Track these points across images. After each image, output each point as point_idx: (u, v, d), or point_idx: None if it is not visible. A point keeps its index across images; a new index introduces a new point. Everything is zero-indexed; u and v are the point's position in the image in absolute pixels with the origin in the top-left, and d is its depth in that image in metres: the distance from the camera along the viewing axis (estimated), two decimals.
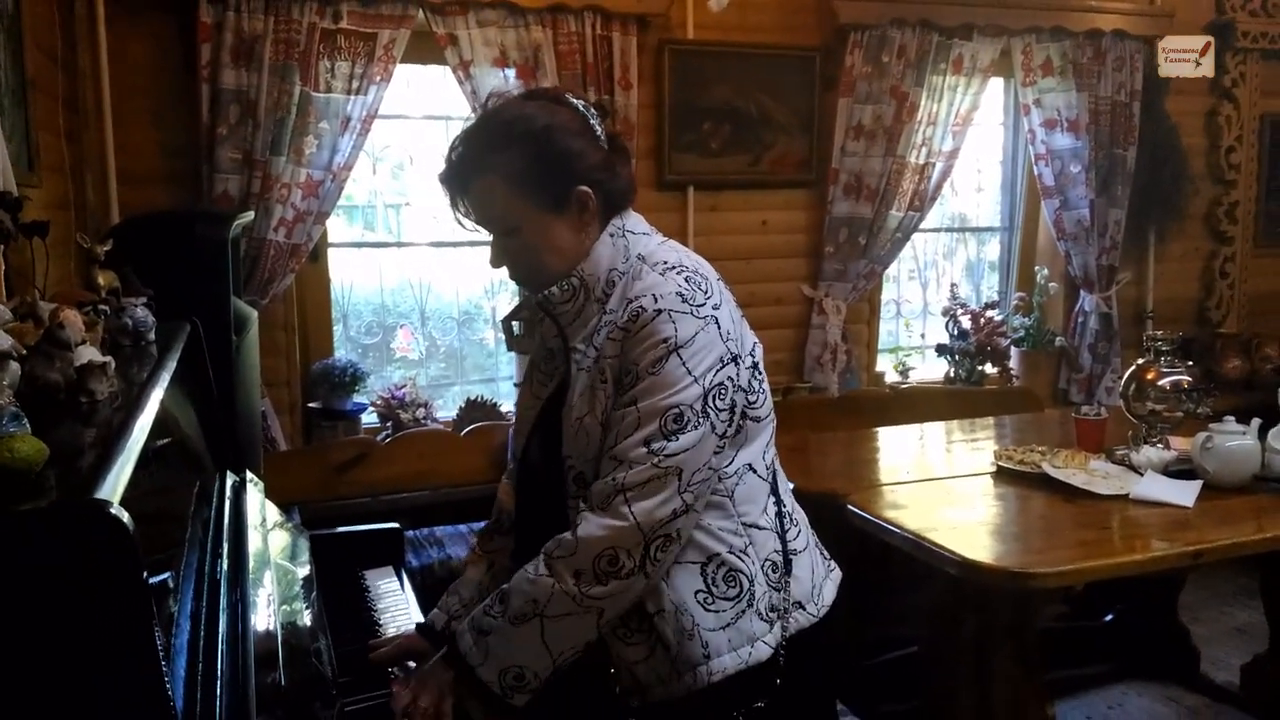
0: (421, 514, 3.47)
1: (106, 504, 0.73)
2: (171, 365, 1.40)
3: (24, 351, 0.97)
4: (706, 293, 1.49)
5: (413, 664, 1.65)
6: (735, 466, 1.52)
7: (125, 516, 0.72)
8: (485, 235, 1.63)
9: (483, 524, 3.53)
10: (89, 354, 1.17)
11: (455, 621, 1.66)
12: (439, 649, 1.58)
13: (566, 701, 1.54)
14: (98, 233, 2.80)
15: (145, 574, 0.74)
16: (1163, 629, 3.49)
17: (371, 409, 3.72)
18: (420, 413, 3.71)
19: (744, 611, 1.50)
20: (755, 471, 1.56)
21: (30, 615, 0.75)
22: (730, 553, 1.50)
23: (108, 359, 1.20)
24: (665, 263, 1.52)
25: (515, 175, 1.50)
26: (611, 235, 1.55)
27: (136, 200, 3.17)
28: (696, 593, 1.48)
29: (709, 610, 1.48)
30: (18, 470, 0.79)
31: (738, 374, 1.49)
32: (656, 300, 1.44)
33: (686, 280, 1.48)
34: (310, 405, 3.62)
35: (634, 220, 1.60)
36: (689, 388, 1.42)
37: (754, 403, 1.55)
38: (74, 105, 3.00)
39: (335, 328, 3.79)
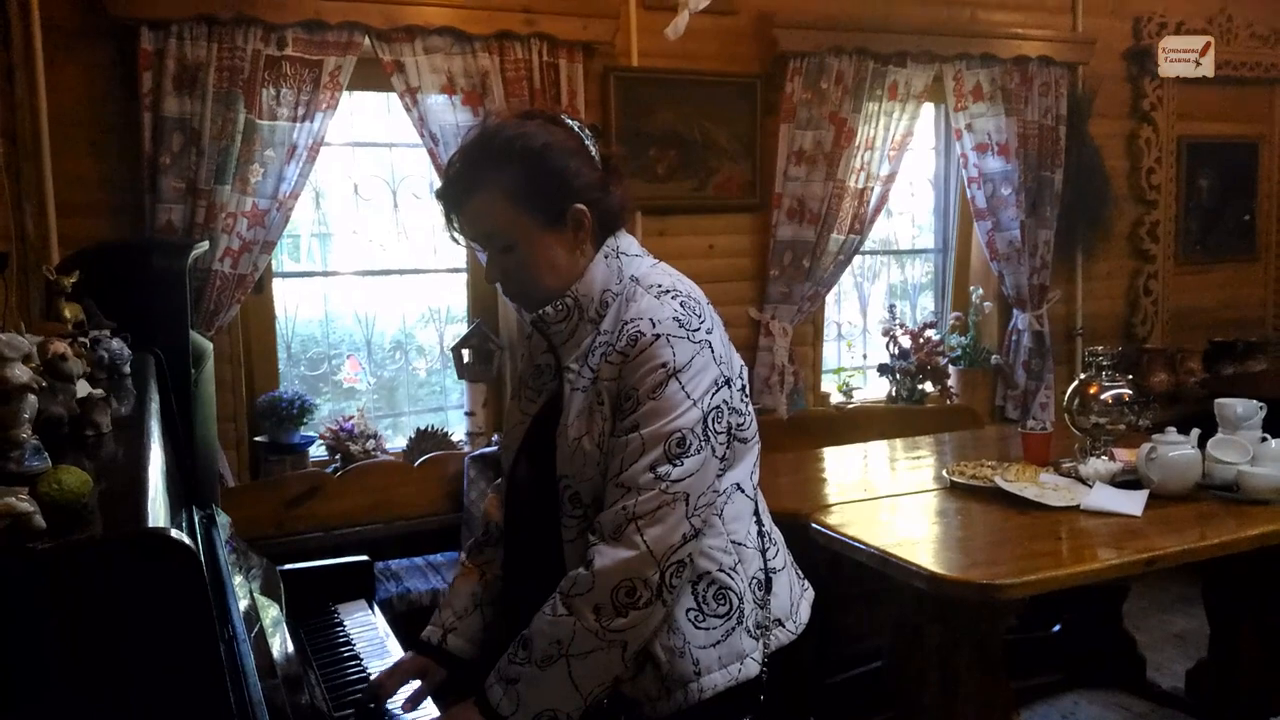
0: (375, 547, 3.41)
1: (168, 531, 0.72)
2: (157, 397, 1.37)
3: (43, 385, 0.95)
4: (700, 317, 1.51)
5: (418, 682, 1.65)
6: (725, 485, 1.54)
7: (190, 543, 0.71)
8: (431, 263, 1.63)
9: (440, 555, 3.52)
10: (84, 387, 1.14)
11: (451, 635, 1.68)
12: (438, 663, 1.62)
13: None
14: (37, 265, 2.72)
15: (209, 597, 0.73)
16: (1109, 638, 3.59)
17: (320, 441, 3.66)
18: (370, 444, 3.66)
19: (733, 629, 1.52)
20: (743, 491, 1.59)
21: (99, 641, 0.74)
22: (720, 570, 1.52)
23: (103, 392, 1.17)
24: (660, 286, 1.53)
25: (513, 192, 1.51)
26: (605, 256, 1.56)
27: (77, 231, 3.09)
28: (688, 611, 1.49)
29: (699, 628, 1.49)
30: (66, 502, 0.77)
31: (730, 396, 1.52)
32: (654, 325, 1.46)
33: (682, 305, 1.50)
34: (257, 439, 3.54)
35: (627, 241, 1.61)
36: (689, 411, 1.44)
37: (742, 424, 1.58)
38: (11, 136, 2.92)
39: (279, 358, 3.72)
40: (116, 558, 0.73)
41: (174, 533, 0.71)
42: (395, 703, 1.64)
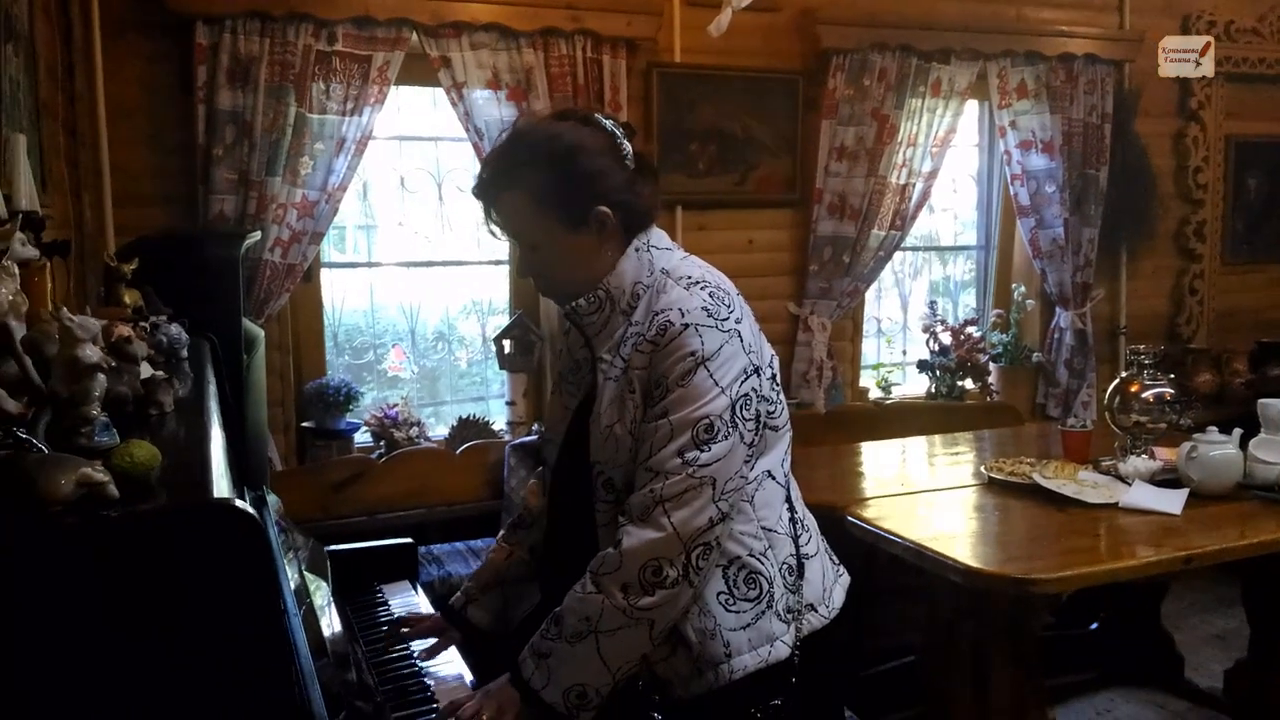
0: (418, 532, 3.47)
1: (233, 502, 0.77)
2: (214, 380, 1.43)
3: (112, 364, 1.00)
4: (729, 307, 1.54)
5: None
6: (756, 473, 1.57)
7: (255, 513, 0.76)
8: (474, 256, 1.70)
9: (481, 540, 3.59)
10: (147, 369, 1.20)
11: (472, 605, 1.81)
12: (455, 627, 1.76)
13: None
14: (95, 254, 2.81)
15: (273, 566, 0.78)
16: (1147, 636, 3.57)
17: (365, 428, 3.73)
18: (414, 431, 3.73)
19: (764, 612, 1.55)
20: (774, 478, 1.62)
21: (168, 606, 0.79)
22: (750, 556, 1.56)
23: (165, 374, 1.22)
24: (689, 278, 1.57)
25: (538, 193, 1.56)
26: (636, 250, 1.60)
27: (133, 221, 3.18)
28: (718, 594, 1.53)
29: (730, 611, 1.53)
30: (137, 475, 0.82)
31: (760, 384, 1.55)
32: (683, 315, 1.49)
33: (711, 295, 1.54)
34: (304, 425, 3.62)
35: (658, 235, 1.65)
36: (717, 399, 1.47)
37: (773, 412, 1.61)
38: (71, 127, 3.01)
39: (326, 347, 3.80)
40: (185, 526, 0.78)
41: (239, 503, 0.76)
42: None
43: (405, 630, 1.83)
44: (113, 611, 0.79)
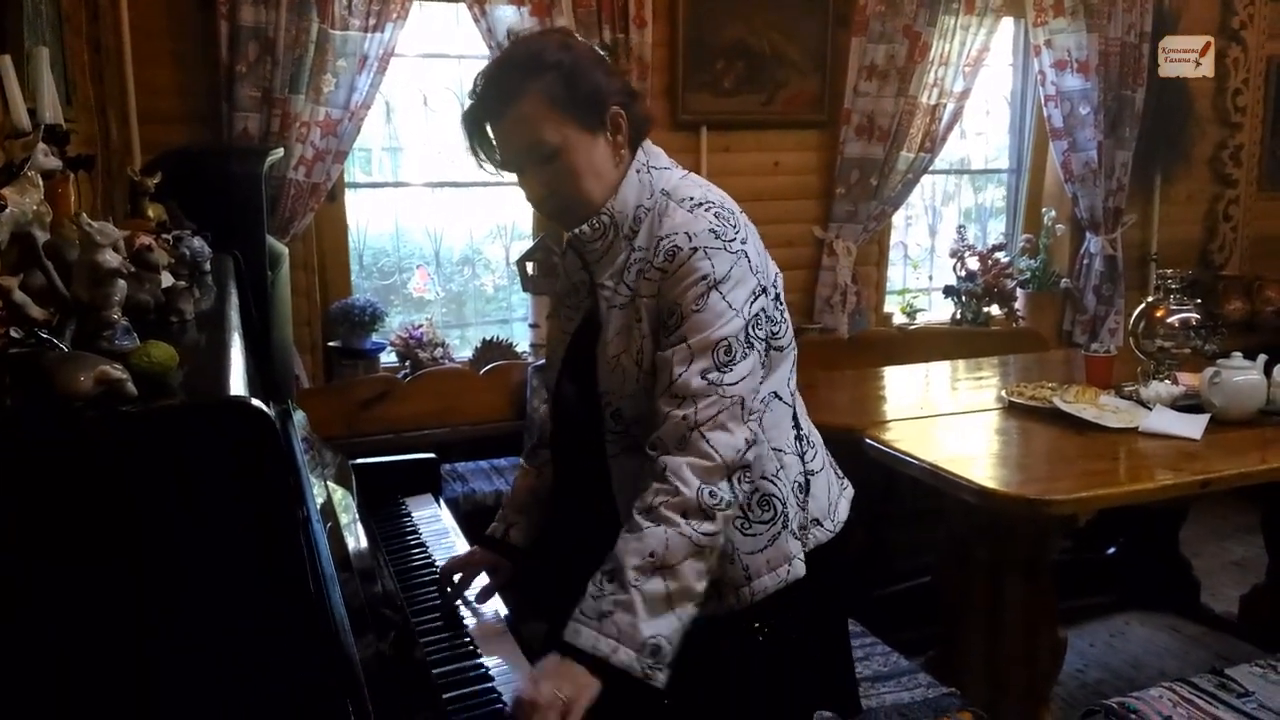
0: (442, 450, 3.49)
1: (248, 400, 0.79)
2: (236, 291, 1.45)
3: (132, 269, 1.02)
4: (735, 227, 1.52)
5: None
6: (763, 394, 1.57)
7: (266, 408, 0.78)
8: (503, 175, 1.65)
9: (504, 459, 3.63)
10: (168, 279, 1.22)
11: (513, 529, 1.77)
12: (501, 556, 1.72)
13: None
14: (120, 171, 2.82)
15: (285, 462, 0.81)
16: (1164, 562, 3.59)
17: (390, 348, 3.77)
18: (438, 352, 3.76)
19: (779, 533, 1.56)
20: (780, 398, 1.61)
21: (184, 501, 0.82)
22: (764, 478, 1.56)
23: (185, 284, 1.24)
24: (692, 199, 1.54)
25: (554, 96, 1.52)
26: (637, 171, 1.58)
27: (157, 138, 3.19)
28: (735, 519, 1.53)
29: (747, 535, 1.54)
30: (154, 374, 0.84)
31: (767, 305, 1.54)
32: (691, 239, 1.48)
33: (716, 216, 1.52)
34: (330, 344, 3.67)
35: (656, 155, 1.63)
36: (732, 320, 1.46)
37: (777, 333, 1.60)
38: (95, 44, 3.01)
39: (352, 269, 3.82)
40: (200, 422, 0.80)
41: (253, 400, 0.78)
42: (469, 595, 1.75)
43: (458, 578, 1.74)
44: (129, 506, 0.82)
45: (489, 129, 1.59)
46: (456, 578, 1.76)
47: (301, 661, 0.92)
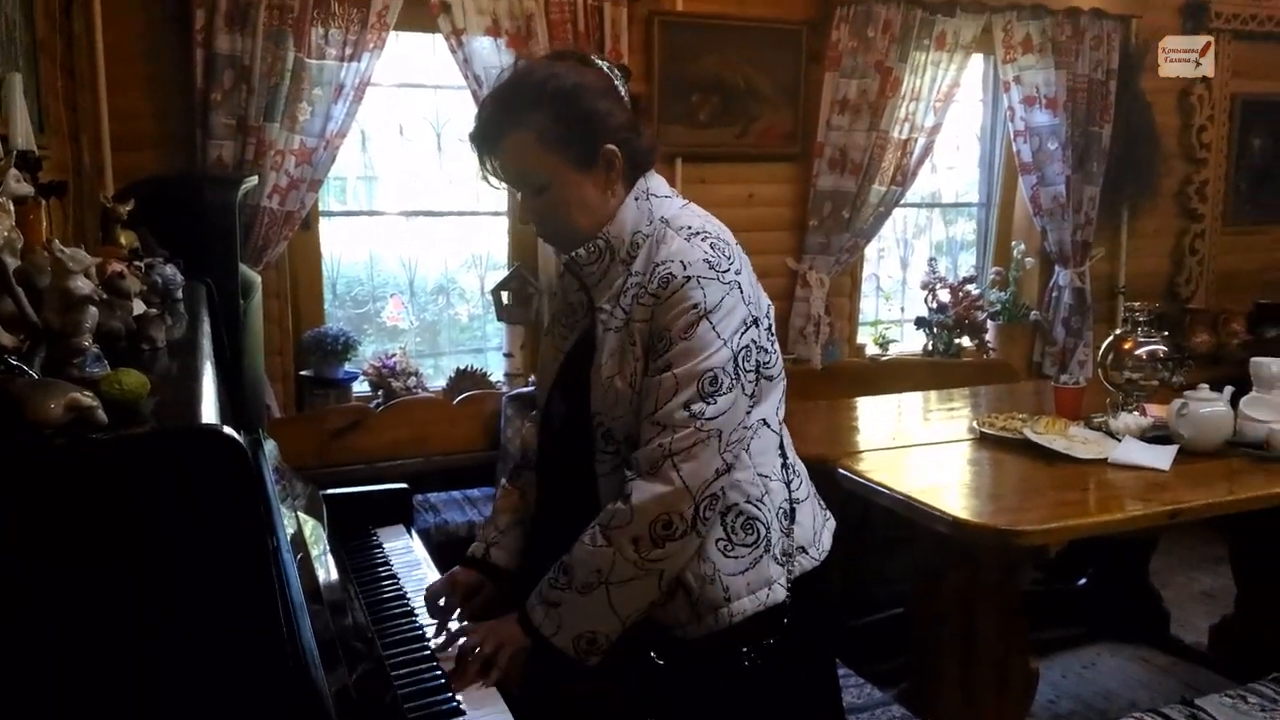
0: (414, 481, 3.47)
1: (220, 427, 0.78)
2: (208, 319, 1.44)
3: (104, 296, 1.01)
4: (730, 258, 1.55)
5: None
6: (752, 421, 1.59)
7: (238, 436, 0.78)
8: (473, 206, 1.67)
9: (477, 489, 3.61)
10: (140, 306, 1.21)
11: (493, 549, 1.76)
12: (484, 575, 1.72)
13: None
14: (94, 198, 2.80)
15: (256, 490, 0.80)
16: (1134, 592, 3.61)
17: (363, 377, 3.75)
18: (411, 381, 3.75)
19: (761, 557, 1.57)
20: (769, 426, 1.63)
21: (154, 529, 0.81)
22: (748, 502, 1.57)
23: (157, 311, 1.24)
24: (689, 228, 1.57)
25: (546, 132, 1.54)
26: (636, 198, 1.60)
27: (131, 165, 3.17)
28: (717, 541, 1.55)
29: (729, 557, 1.55)
30: (125, 401, 0.84)
31: (758, 335, 1.56)
32: (685, 267, 1.50)
33: (712, 247, 1.54)
34: (302, 373, 3.64)
35: (656, 183, 1.65)
36: (720, 351, 1.48)
37: (768, 362, 1.62)
38: (69, 70, 3.00)
39: (325, 297, 3.81)
40: (170, 450, 0.79)
41: (224, 428, 0.78)
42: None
43: (441, 605, 1.72)
44: (98, 534, 0.81)
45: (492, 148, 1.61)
46: (441, 602, 1.73)
47: (271, 694, 0.91)
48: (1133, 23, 4.55)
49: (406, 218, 3.98)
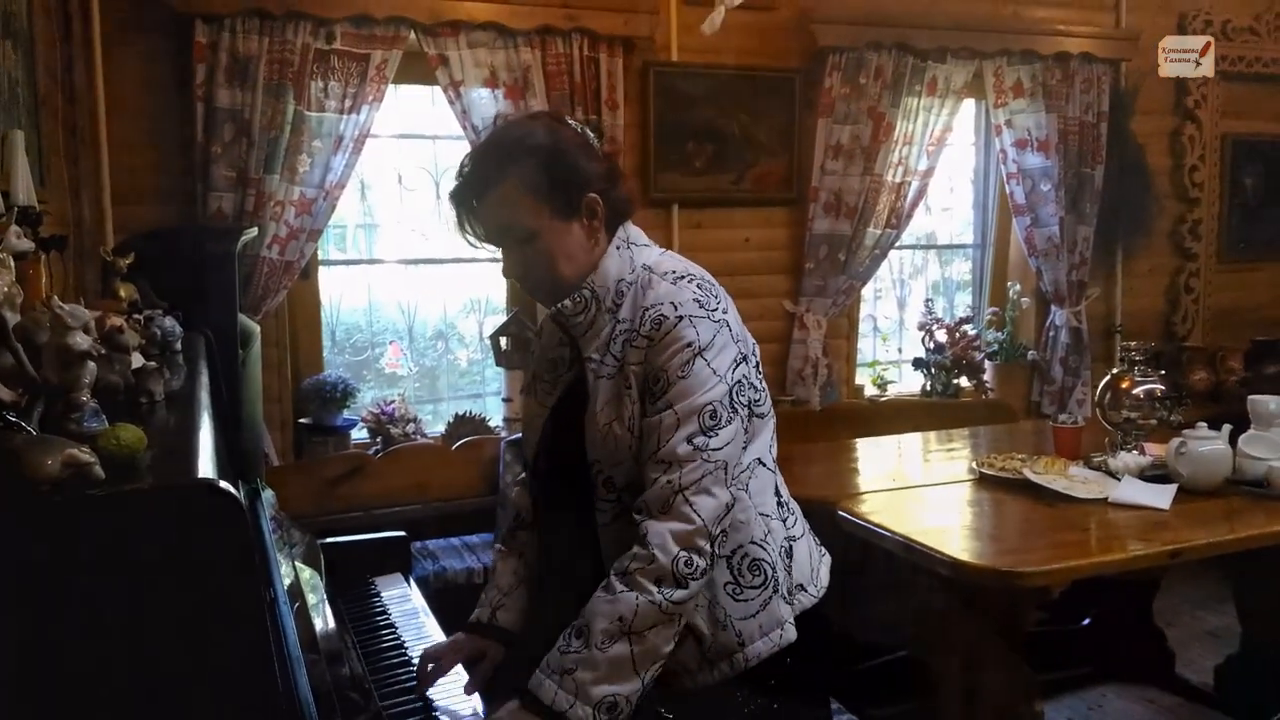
0: (414, 527, 3.49)
1: (216, 482, 0.79)
2: (207, 372, 1.45)
3: (102, 351, 1.03)
4: (716, 298, 1.58)
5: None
6: (748, 460, 1.60)
7: (236, 492, 0.78)
8: (472, 253, 1.69)
9: (476, 536, 3.61)
10: (139, 359, 1.22)
11: (500, 611, 1.74)
12: (488, 640, 1.68)
13: None
14: (94, 251, 2.83)
15: (253, 544, 0.81)
16: (1139, 632, 3.59)
17: (361, 424, 3.76)
18: (410, 427, 3.75)
19: (770, 598, 1.57)
20: (764, 464, 1.64)
21: (151, 583, 0.81)
22: (752, 543, 1.58)
23: (156, 364, 1.25)
24: (674, 272, 1.60)
25: (530, 183, 1.58)
26: (618, 248, 1.63)
27: (132, 218, 3.20)
28: (725, 585, 1.55)
29: (738, 600, 1.55)
30: (122, 456, 0.85)
31: (748, 372, 1.58)
32: (677, 308, 1.52)
33: (699, 288, 1.57)
34: (301, 421, 3.65)
35: (635, 232, 1.68)
36: (716, 386, 1.50)
37: (758, 400, 1.63)
38: (70, 124, 3.03)
39: (324, 344, 3.83)
40: (168, 505, 0.80)
41: (221, 483, 0.79)
42: (447, 685, 1.69)
43: (430, 669, 1.70)
44: (96, 589, 0.81)
45: (474, 206, 1.63)
46: (430, 666, 1.71)
47: None
48: (1122, 66, 4.61)
49: (405, 265, 4.01)
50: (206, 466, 0.86)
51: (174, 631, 0.86)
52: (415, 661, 1.74)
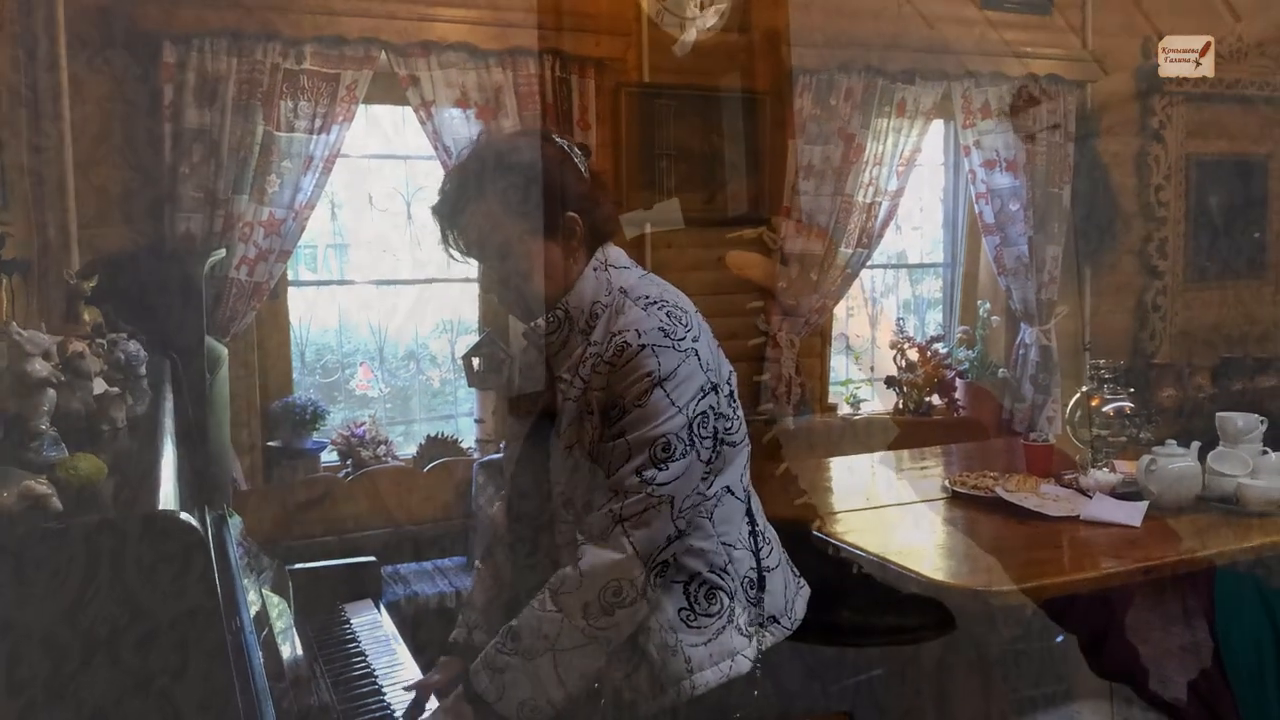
0: (385, 551, 3.47)
1: (176, 513, 0.77)
2: (172, 396, 1.43)
3: (62, 378, 1.00)
4: (687, 326, 1.56)
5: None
6: (715, 489, 1.59)
7: (195, 523, 0.76)
8: (444, 273, 1.69)
9: (448, 560, 3.58)
10: (101, 385, 1.20)
11: (476, 631, 1.74)
12: (466, 659, 1.63)
13: None
14: (59, 273, 2.78)
15: (214, 576, 0.79)
16: (1112, 649, 3.59)
17: (332, 446, 3.72)
18: (381, 450, 3.72)
19: (724, 628, 1.56)
20: (733, 494, 1.63)
21: (111, 613, 0.79)
22: (710, 571, 1.57)
23: (118, 390, 1.22)
24: (647, 297, 1.58)
25: (509, 199, 1.57)
26: (595, 269, 1.62)
27: (98, 240, 3.15)
28: (680, 610, 1.54)
29: (691, 627, 1.54)
30: (82, 486, 0.82)
31: (717, 402, 1.56)
32: (640, 335, 1.51)
33: (668, 315, 1.55)
34: (270, 444, 3.61)
35: (615, 254, 1.67)
36: (674, 418, 1.49)
37: (730, 429, 1.62)
38: (35, 146, 2.99)
39: (293, 366, 3.79)
40: (127, 537, 0.78)
41: (182, 515, 0.77)
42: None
43: (417, 693, 1.68)
44: (55, 623, 0.79)
45: (455, 219, 1.64)
46: (416, 694, 1.68)
47: None
48: (1088, 88, 4.67)
49: (376, 286, 3.98)
50: (168, 496, 0.84)
51: (136, 665, 0.84)
52: (385, 689, 1.73)
